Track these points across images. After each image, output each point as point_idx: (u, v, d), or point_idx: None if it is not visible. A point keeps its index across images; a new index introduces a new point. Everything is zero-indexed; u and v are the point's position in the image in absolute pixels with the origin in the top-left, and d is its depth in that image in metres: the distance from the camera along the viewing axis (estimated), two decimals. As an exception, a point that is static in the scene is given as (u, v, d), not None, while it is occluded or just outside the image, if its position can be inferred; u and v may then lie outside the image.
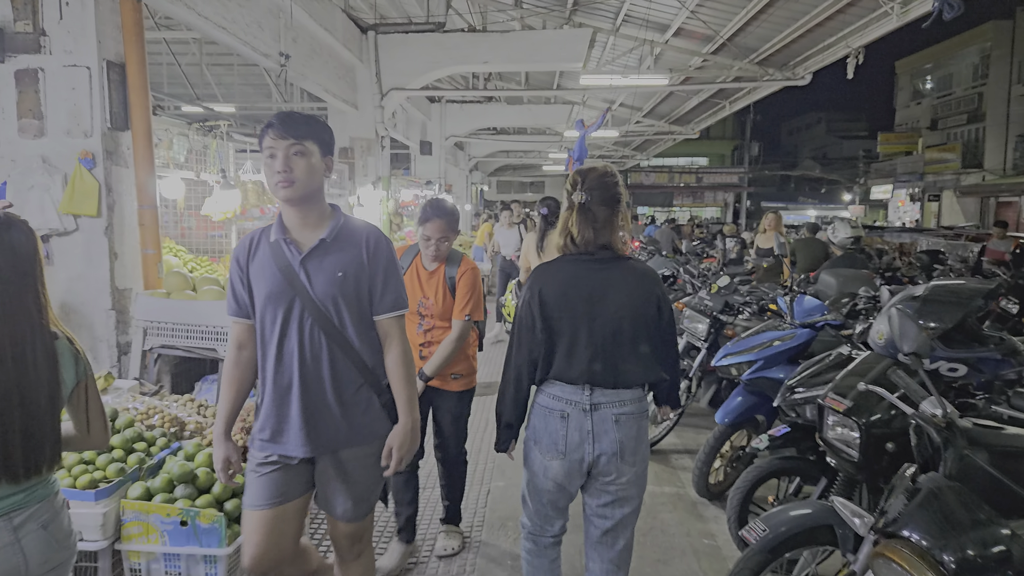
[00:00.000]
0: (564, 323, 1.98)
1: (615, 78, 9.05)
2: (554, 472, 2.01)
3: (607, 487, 2.00)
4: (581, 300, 1.97)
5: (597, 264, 2.00)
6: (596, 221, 1.99)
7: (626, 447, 1.98)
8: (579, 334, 1.97)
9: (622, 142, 20.10)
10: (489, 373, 6.64)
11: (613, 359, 1.96)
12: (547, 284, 2.01)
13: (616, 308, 1.97)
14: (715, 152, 43.94)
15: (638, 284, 2.00)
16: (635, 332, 1.98)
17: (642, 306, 1.99)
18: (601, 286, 1.98)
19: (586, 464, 1.99)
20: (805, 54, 8.61)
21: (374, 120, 9.57)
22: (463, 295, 2.80)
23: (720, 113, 12.74)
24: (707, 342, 4.06)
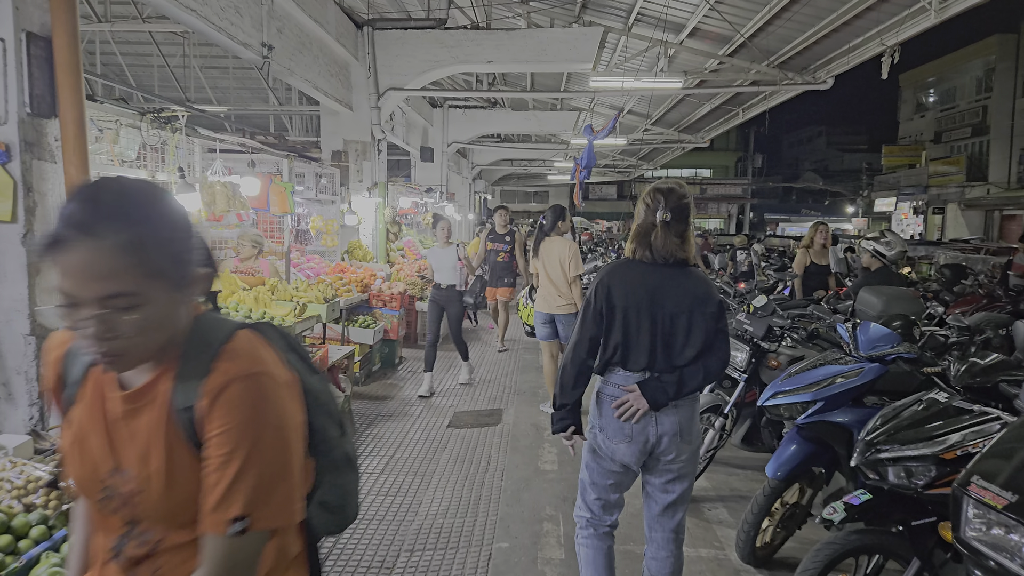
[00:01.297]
0: (630, 314, 2.21)
1: (627, 80, 8.53)
2: (621, 454, 2.25)
3: (670, 465, 2.25)
4: (647, 295, 2.21)
5: (666, 268, 2.24)
6: (677, 236, 2.22)
7: (684, 427, 2.25)
8: (643, 325, 2.20)
9: (629, 151, 19.63)
10: (475, 399, 6.06)
11: (671, 349, 2.21)
12: (616, 279, 2.26)
13: (676, 304, 2.20)
14: (719, 163, 43.64)
15: (697, 286, 2.24)
16: (691, 326, 2.20)
17: (701, 305, 2.22)
18: (666, 285, 2.22)
19: (650, 444, 2.23)
20: (828, 56, 8.11)
21: (370, 122, 9.03)
22: None
23: (732, 121, 12.26)
24: (746, 373, 3.50)
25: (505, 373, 6.93)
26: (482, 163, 20.11)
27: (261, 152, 5.61)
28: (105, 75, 14.19)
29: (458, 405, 5.78)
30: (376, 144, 9.26)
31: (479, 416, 5.49)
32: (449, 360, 7.32)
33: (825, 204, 41.42)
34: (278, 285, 5.35)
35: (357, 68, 8.97)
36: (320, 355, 4.81)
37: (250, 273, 5.44)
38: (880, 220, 34.70)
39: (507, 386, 6.41)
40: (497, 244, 7.87)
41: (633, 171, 24.53)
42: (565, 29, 8.44)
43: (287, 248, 6.24)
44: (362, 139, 9.11)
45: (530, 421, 5.25)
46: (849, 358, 2.93)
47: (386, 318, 7.07)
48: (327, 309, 5.29)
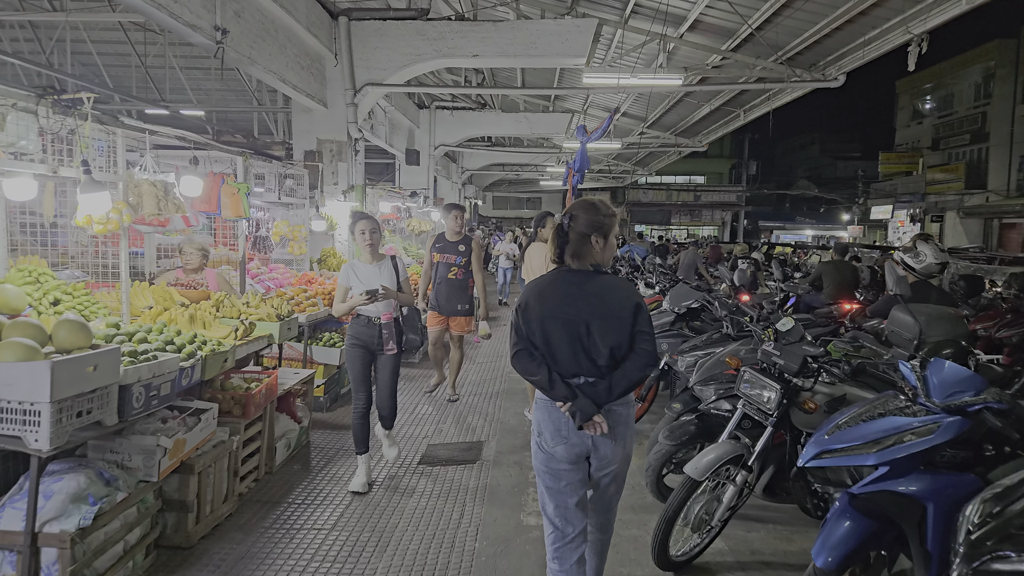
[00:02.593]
0: (547, 324, 2.32)
1: (623, 77, 7.91)
2: (561, 454, 2.34)
3: (607, 467, 2.37)
4: (560, 304, 2.32)
5: (581, 276, 2.35)
6: (592, 244, 2.36)
7: (619, 432, 2.36)
8: (560, 333, 2.31)
9: (623, 155, 19.04)
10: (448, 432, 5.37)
11: (592, 353, 2.30)
12: (533, 294, 2.39)
13: (590, 311, 2.29)
14: (713, 170, 43.28)
15: (611, 291, 2.33)
16: (607, 330, 2.28)
17: (616, 309, 2.30)
18: (579, 293, 2.32)
19: (587, 447, 2.34)
20: (840, 51, 7.51)
21: (346, 120, 8.37)
22: None
23: (733, 123, 11.65)
24: (774, 416, 2.83)
25: (487, 397, 6.24)
26: (472, 167, 19.46)
27: (209, 148, 4.92)
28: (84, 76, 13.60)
29: (433, 436, 5.09)
30: (353, 144, 8.59)
31: (455, 450, 4.80)
32: (425, 375, 6.64)
33: (820, 212, 41.03)
34: (224, 300, 4.65)
35: (332, 61, 8.30)
36: (267, 383, 4.11)
37: (192, 286, 4.74)
38: (876, 228, 34.33)
39: (489, 413, 5.72)
40: (447, 255, 5.69)
41: (628, 177, 23.94)
42: (557, 21, 7.82)
43: (242, 257, 5.54)
44: (337, 138, 8.44)
45: (513, 458, 4.56)
46: (918, 406, 2.27)
47: (357, 334, 6.38)
48: (281, 328, 4.59)
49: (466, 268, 5.72)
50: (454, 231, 5.75)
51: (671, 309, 4.98)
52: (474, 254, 5.73)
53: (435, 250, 5.79)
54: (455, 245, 5.74)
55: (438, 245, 5.79)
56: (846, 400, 2.82)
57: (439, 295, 5.75)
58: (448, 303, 5.73)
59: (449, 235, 5.81)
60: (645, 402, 5.16)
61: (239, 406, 3.89)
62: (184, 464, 3.25)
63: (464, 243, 5.75)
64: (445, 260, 5.71)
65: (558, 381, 2.28)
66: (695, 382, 3.50)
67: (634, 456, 4.26)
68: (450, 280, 5.70)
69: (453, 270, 5.69)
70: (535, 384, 2.34)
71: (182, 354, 3.40)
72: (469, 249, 5.73)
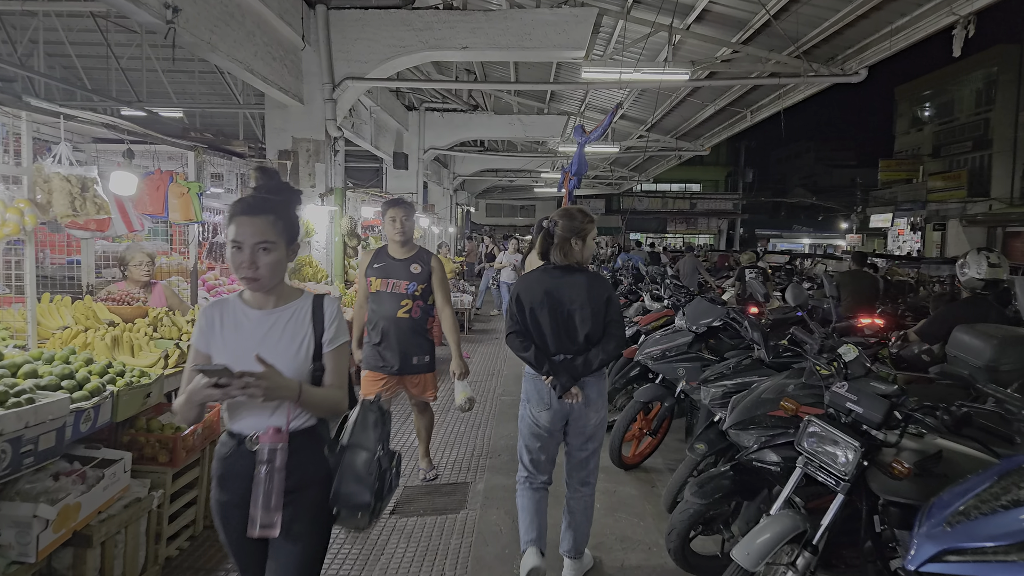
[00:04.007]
0: (536, 311, 2.82)
1: (625, 71, 7.26)
2: (544, 420, 2.86)
3: (583, 429, 2.86)
4: (546, 295, 2.80)
5: (564, 272, 2.84)
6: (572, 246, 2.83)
7: (592, 400, 2.84)
8: (545, 319, 2.80)
9: (620, 161, 18.43)
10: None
11: (572, 335, 2.80)
12: (523, 287, 2.88)
13: (571, 301, 2.78)
14: (708, 178, 42.87)
15: (589, 285, 2.81)
16: (585, 317, 2.77)
17: (593, 300, 2.78)
18: (562, 286, 2.81)
19: (565, 412, 2.84)
20: (862, 42, 6.90)
21: (324, 117, 7.68)
22: None
23: (739, 124, 11.03)
24: (849, 480, 2.14)
25: (474, 426, 5.52)
26: (464, 173, 18.80)
27: (152, 140, 4.22)
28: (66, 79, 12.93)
29: (410, 476, 4.37)
30: (332, 143, 7.90)
31: (436, 495, 4.08)
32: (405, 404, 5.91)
33: (818, 220, 40.57)
34: (164, 318, 3.93)
35: (309, 54, 7.62)
36: (207, 419, 3.39)
37: (125, 301, 4.02)
38: (875, 237, 33.90)
39: (477, 446, 5.00)
40: (395, 279, 3.76)
41: (624, 183, 23.35)
42: (553, 10, 7.17)
43: (193, 266, 4.83)
44: (314, 137, 7.75)
45: (504, 507, 3.84)
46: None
47: (330, 354, 5.66)
48: (230, 351, 3.87)
49: (424, 300, 3.78)
50: (398, 241, 3.73)
51: (688, 328, 4.29)
52: (436, 277, 3.79)
53: (374, 273, 3.76)
54: (405, 265, 3.74)
55: (378, 265, 3.77)
56: (943, 459, 2.12)
57: (383, 344, 3.73)
58: (397, 356, 3.72)
59: (394, 249, 3.79)
60: (658, 435, 4.46)
61: (166, 451, 3.17)
62: (79, 534, 2.54)
63: (419, 260, 3.77)
64: (390, 289, 3.71)
65: (544, 358, 2.79)
66: (731, 425, 2.81)
67: (649, 504, 3.43)
68: (400, 321, 3.69)
69: (404, 304, 3.69)
70: (525, 360, 2.84)
71: (83, 391, 2.69)
72: (427, 270, 3.76)
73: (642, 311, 6.68)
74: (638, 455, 4.46)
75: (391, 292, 3.73)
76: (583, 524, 2.96)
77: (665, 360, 4.20)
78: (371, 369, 3.80)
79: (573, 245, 2.80)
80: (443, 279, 3.83)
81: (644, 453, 4.47)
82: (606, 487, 4.10)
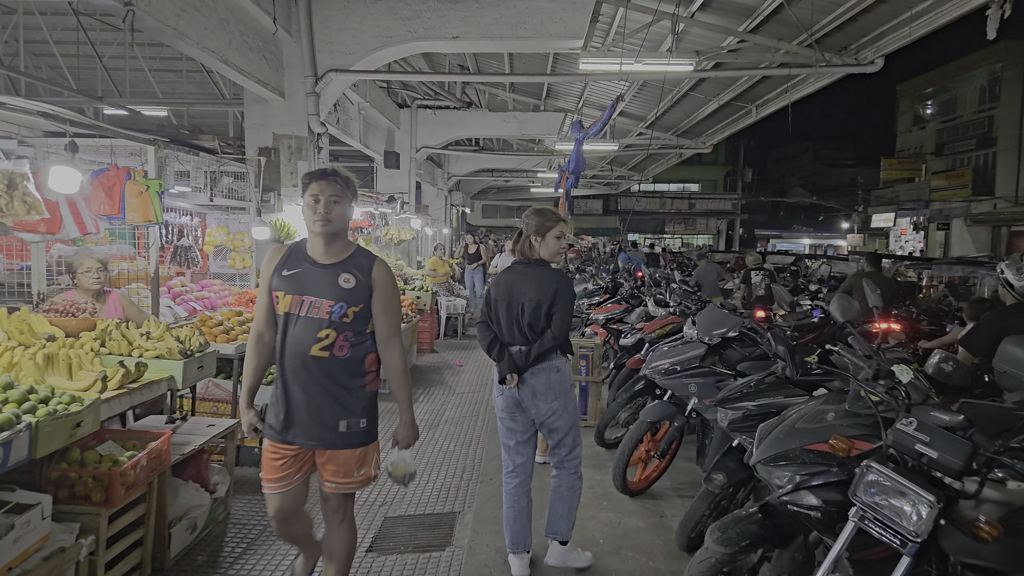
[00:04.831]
0: (498, 305, 3.04)
1: (626, 62, 6.84)
2: (500, 404, 3.06)
3: (540, 418, 3.01)
4: (507, 290, 3.01)
5: (527, 267, 3.04)
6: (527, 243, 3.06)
7: (537, 390, 2.97)
8: (503, 312, 3.01)
9: (618, 159, 18.01)
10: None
11: (524, 327, 2.97)
12: (495, 282, 3.12)
13: (524, 294, 2.96)
14: (707, 178, 42.50)
15: (542, 279, 2.97)
16: (536, 309, 2.94)
17: (541, 292, 2.94)
18: (521, 281, 3.00)
19: (516, 400, 3.00)
20: (878, 30, 6.48)
21: (306, 111, 7.25)
22: None
23: (743, 120, 10.60)
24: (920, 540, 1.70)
25: (465, 444, 5.09)
26: (459, 173, 18.37)
27: (103, 133, 3.79)
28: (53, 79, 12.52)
29: (392, 502, 3.94)
30: (315, 140, 7.47)
31: (420, 528, 3.65)
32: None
33: (819, 220, 40.19)
34: (114, 331, 3.50)
35: (291, 45, 7.20)
36: (151, 450, 2.96)
37: (70, 312, 3.58)
38: (876, 237, 33.53)
39: (467, 468, 4.57)
40: (313, 296, 2.36)
41: (622, 183, 22.92)
42: (549, -3, 6.75)
43: (154, 271, 4.39)
44: (296, 133, 7.32)
45: (496, 542, 3.40)
46: None
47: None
48: (187, 368, 3.44)
49: (358, 330, 2.41)
50: (322, 235, 2.34)
51: (700, 338, 3.86)
52: (380, 295, 2.41)
53: (282, 284, 2.39)
54: (330, 274, 2.36)
55: (289, 272, 2.39)
56: None
57: (290, 398, 2.39)
58: (310, 418, 2.38)
59: (316, 247, 2.39)
60: (667, 457, 4.03)
61: (101, 488, 2.74)
62: (-22, 600, 2.10)
63: (354, 268, 2.38)
64: (305, 311, 2.35)
65: (496, 348, 2.99)
66: (759, 460, 2.38)
67: (658, 539, 3.40)
68: (317, 362, 2.35)
69: (325, 335, 2.34)
70: (483, 348, 3.04)
71: (-12, 425, 2.25)
72: (366, 283, 2.38)
73: (645, 317, 6.25)
74: (644, 479, 4.03)
75: (305, 316, 2.32)
76: (557, 505, 3.09)
77: (674, 375, 3.78)
78: (273, 440, 2.41)
79: (533, 242, 3.01)
80: (391, 298, 2.42)
81: (651, 477, 4.04)
82: (609, 518, 3.68)
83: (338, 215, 2.32)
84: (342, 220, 2.35)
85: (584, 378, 5.46)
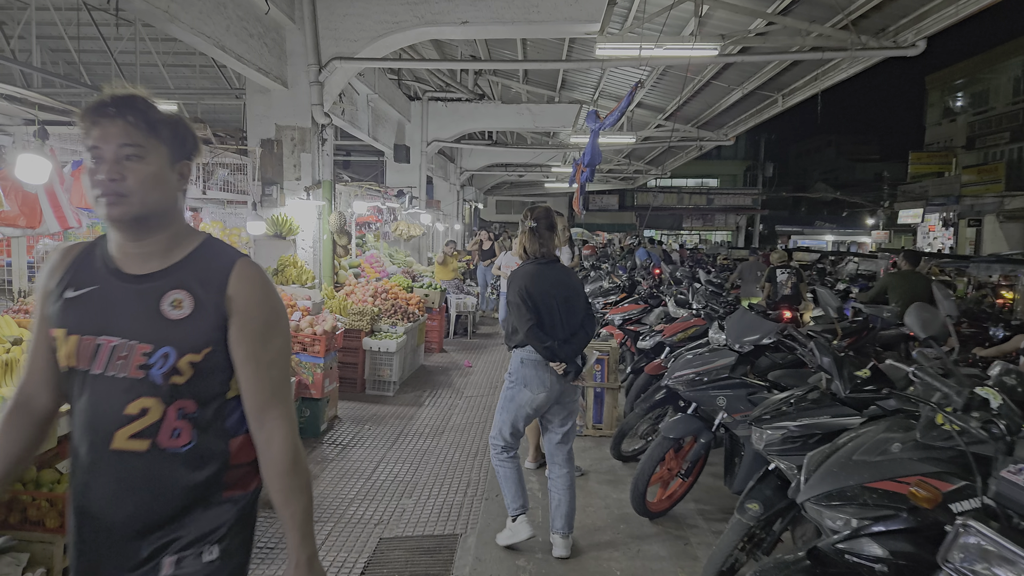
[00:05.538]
0: (547, 301, 3.10)
1: (645, 47, 6.43)
2: (540, 402, 3.14)
3: (568, 406, 3.21)
4: (551, 287, 3.13)
5: (548, 265, 3.20)
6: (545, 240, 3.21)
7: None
8: (552, 308, 3.11)
9: (635, 153, 17.52)
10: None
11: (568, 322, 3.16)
12: (527, 280, 3.13)
13: (564, 290, 3.16)
14: (726, 172, 41.71)
15: (571, 276, 3.27)
16: (577, 305, 3.20)
17: (577, 289, 3.26)
18: (555, 278, 3.17)
19: (556, 392, 3.14)
20: (921, 9, 6.00)
21: (309, 101, 6.94)
22: None
23: (768, 111, 10.11)
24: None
25: (470, 454, 4.74)
26: (472, 168, 18.01)
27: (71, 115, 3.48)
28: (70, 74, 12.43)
29: (388, 521, 3.61)
30: (319, 131, 7.16)
31: (418, 552, 3.31)
32: (400, 414, 5.14)
33: (842, 216, 39.27)
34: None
35: (294, 32, 6.88)
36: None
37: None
38: (903, 233, 32.63)
39: (471, 482, 4.22)
40: (114, 337, 1.25)
41: (639, 177, 22.41)
42: (564, -22, 6.36)
43: (137, 270, 4.09)
44: (300, 124, 7.01)
45: (500, 570, 3.05)
46: None
47: (305, 368, 4.92)
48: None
49: (206, 394, 1.30)
50: (116, 220, 1.25)
51: (730, 345, 3.47)
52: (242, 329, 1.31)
53: (60, 314, 1.29)
54: (147, 291, 1.28)
55: (75, 293, 1.29)
56: None
57: (86, 520, 1.29)
58: (122, 553, 1.28)
59: (119, 249, 1.31)
60: (690, 477, 3.65)
61: (56, 513, 2.43)
62: None
63: (195, 280, 1.30)
64: (104, 365, 1.25)
65: (559, 348, 3.07)
66: (809, 498, 2.00)
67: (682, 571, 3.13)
68: (129, 459, 1.25)
69: (141, 408, 1.25)
70: (545, 349, 3.04)
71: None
72: (217, 305, 1.29)
73: (664, 318, 5.86)
74: (666, 500, 3.65)
75: (103, 374, 1.26)
76: (570, 501, 3.21)
77: (701, 387, 3.40)
78: None
79: (557, 240, 3.27)
80: (267, 332, 1.34)
81: (673, 498, 3.66)
82: (626, 542, 3.31)
83: (140, 181, 1.25)
84: (151, 190, 1.26)
85: (599, 384, 5.09)
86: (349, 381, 6.30)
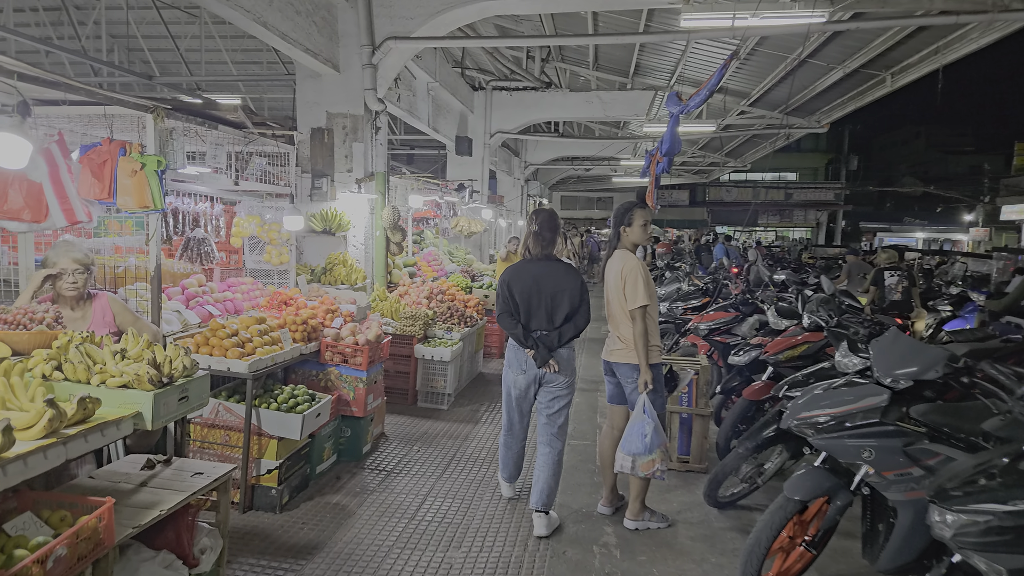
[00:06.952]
0: (526, 295, 3.41)
1: (739, 16, 5.55)
2: (521, 382, 3.49)
3: (551, 389, 3.47)
4: (534, 282, 3.40)
5: (543, 263, 3.47)
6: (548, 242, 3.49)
7: (561, 367, 3.44)
8: (534, 301, 3.41)
9: (711, 145, 16.36)
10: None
11: (552, 315, 3.41)
12: (513, 276, 3.46)
13: (553, 286, 3.39)
14: (806, 166, 39.33)
15: (565, 274, 3.44)
16: (563, 300, 3.39)
17: (568, 286, 3.41)
18: (545, 274, 3.43)
19: (536, 376, 3.46)
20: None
21: (362, 87, 6.41)
22: None
23: (873, 92, 8.90)
24: None
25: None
26: (536, 162, 17.29)
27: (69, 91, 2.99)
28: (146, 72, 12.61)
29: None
30: (372, 119, 6.62)
31: None
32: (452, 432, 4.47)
33: (936, 212, 36.26)
34: (71, 350, 2.68)
35: (347, 12, 6.37)
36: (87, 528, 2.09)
37: (20, 324, 2.80)
38: (1005, 231, 29.73)
39: (533, 527, 3.51)
40: None
41: (714, 171, 21.09)
42: (645, -63, 5.55)
43: (155, 268, 3.60)
44: (352, 111, 6.50)
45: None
46: None
47: (346, 382, 4.35)
48: (157, 401, 2.57)
49: None
50: None
51: (877, 379, 2.62)
52: None
53: None
54: None
55: None
56: None
57: None
58: None
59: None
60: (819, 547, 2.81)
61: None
62: None
63: None
64: None
65: (529, 336, 3.40)
66: None
67: None
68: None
69: None
70: (512, 336, 3.45)
71: None
72: None
73: (760, 328, 4.97)
74: (784, 574, 2.83)
75: None
76: (547, 479, 3.42)
77: (836, 433, 2.56)
78: None
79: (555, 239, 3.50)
80: None
81: (795, 571, 2.84)
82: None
83: None
84: None
85: (686, 409, 4.28)
86: (399, 392, 5.73)
